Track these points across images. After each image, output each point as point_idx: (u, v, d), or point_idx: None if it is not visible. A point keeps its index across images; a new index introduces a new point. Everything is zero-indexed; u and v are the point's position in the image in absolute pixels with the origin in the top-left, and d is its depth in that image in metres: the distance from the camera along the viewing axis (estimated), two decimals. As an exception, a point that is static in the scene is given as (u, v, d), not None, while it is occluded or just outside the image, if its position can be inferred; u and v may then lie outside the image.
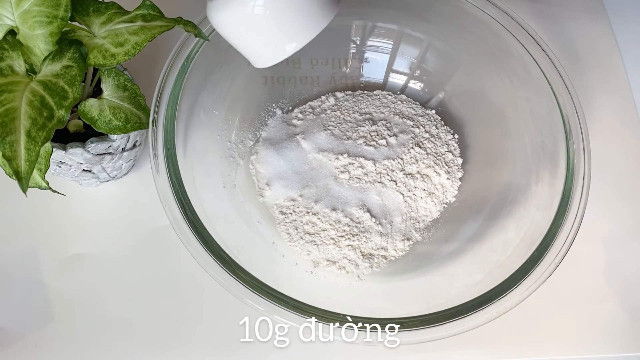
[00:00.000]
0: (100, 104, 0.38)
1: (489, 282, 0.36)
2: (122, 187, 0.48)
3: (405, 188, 0.47)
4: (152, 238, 0.46)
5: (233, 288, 0.35)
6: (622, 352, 0.45)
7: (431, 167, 0.47)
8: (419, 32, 0.49)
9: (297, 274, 0.43)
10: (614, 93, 0.55)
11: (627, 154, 0.52)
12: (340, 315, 0.35)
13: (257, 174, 0.47)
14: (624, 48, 0.58)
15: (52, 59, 0.34)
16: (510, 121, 0.46)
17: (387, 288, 0.42)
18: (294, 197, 0.46)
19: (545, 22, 0.58)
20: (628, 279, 0.47)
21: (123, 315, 0.44)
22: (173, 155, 0.38)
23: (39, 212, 0.46)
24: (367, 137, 0.49)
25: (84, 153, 0.40)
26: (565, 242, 0.37)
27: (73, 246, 0.46)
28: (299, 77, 0.50)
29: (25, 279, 0.44)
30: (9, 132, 0.31)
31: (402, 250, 0.45)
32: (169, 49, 0.40)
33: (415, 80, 0.51)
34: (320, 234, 0.44)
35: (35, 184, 0.36)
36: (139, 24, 0.36)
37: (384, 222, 0.45)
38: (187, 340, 0.43)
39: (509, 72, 0.45)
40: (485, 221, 0.43)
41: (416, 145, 0.48)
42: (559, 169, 0.40)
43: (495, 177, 0.46)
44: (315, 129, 0.49)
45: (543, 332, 0.45)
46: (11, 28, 0.34)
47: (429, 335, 0.34)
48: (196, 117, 0.42)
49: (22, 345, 0.42)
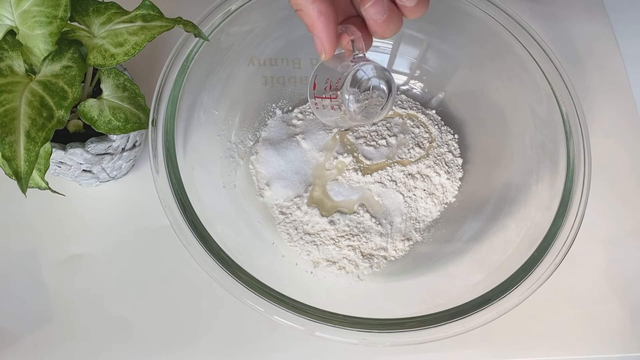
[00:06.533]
0: (100, 104, 0.38)
1: (489, 283, 0.36)
2: (122, 187, 0.48)
3: (405, 188, 0.47)
4: (151, 238, 0.46)
5: (233, 288, 0.35)
6: (622, 352, 0.45)
7: (431, 167, 0.47)
8: (418, 32, 0.49)
9: (297, 274, 0.43)
10: (614, 93, 0.55)
11: (627, 154, 0.52)
12: (340, 316, 0.35)
13: (257, 174, 0.47)
14: (624, 48, 0.58)
15: (52, 59, 0.34)
16: (510, 121, 0.46)
17: (387, 288, 0.42)
18: (294, 197, 0.46)
19: (545, 22, 0.58)
20: (628, 279, 0.47)
21: (123, 315, 0.44)
22: (173, 156, 0.38)
23: (39, 212, 0.46)
24: (367, 137, 0.49)
25: (83, 153, 0.40)
26: (565, 242, 0.37)
27: (73, 246, 0.46)
28: (299, 77, 0.50)
29: (25, 279, 0.44)
30: (9, 132, 0.31)
31: (402, 250, 0.45)
32: (168, 49, 0.40)
33: (415, 80, 0.51)
34: (320, 234, 0.44)
35: (35, 184, 0.36)
36: (138, 24, 0.36)
37: (384, 223, 0.45)
38: (187, 340, 0.43)
39: (509, 72, 0.45)
40: (485, 221, 0.43)
41: (416, 145, 0.48)
42: (559, 169, 0.40)
43: (495, 177, 0.46)
44: (315, 129, 0.49)
45: (543, 332, 0.45)
46: (11, 28, 0.34)
47: (429, 336, 0.34)
48: (196, 117, 0.42)
49: (22, 345, 0.42)
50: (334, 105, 0.35)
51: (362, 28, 0.33)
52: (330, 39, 0.32)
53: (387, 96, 0.35)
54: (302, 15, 0.32)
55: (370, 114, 0.35)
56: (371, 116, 0.35)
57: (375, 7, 0.31)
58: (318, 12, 0.31)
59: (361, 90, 0.34)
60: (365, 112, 0.35)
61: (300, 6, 0.31)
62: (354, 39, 0.33)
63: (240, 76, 0.46)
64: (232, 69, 0.45)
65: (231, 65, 0.45)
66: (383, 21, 0.32)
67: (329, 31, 0.32)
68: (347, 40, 0.33)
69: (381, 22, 0.32)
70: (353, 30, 0.33)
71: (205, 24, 0.40)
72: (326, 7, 0.31)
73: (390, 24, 0.32)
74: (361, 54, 0.34)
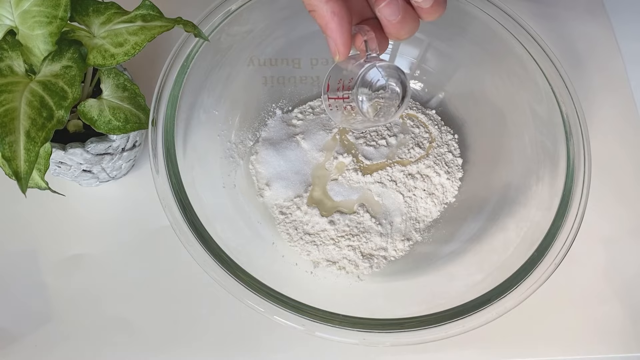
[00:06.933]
0: (100, 104, 0.38)
1: (489, 283, 0.36)
2: (122, 187, 0.48)
3: (405, 188, 0.47)
4: (151, 238, 0.46)
5: (232, 288, 0.35)
6: (622, 353, 0.45)
7: (431, 167, 0.47)
8: (419, 32, 0.48)
9: (297, 274, 0.43)
10: (614, 93, 0.55)
11: (627, 154, 0.52)
12: (340, 316, 0.35)
13: (256, 174, 0.47)
14: (624, 48, 0.58)
15: (52, 59, 0.34)
16: (510, 121, 0.46)
17: (387, 288, 0.42)
18: (294, 197, 0.46)
19: (545, 22, 0.58)
20: (628, 279, 0.47)
21: (123, 315, 0.44)
22: (173, 156, 0.38)
23: (39, 212, 0.46)
24: (367, 137, 0.49)
25: (83, 153, 0.40)
26: (565, 243, 0.37)
27: (73, 246, 0.46)
28: (299, 77, 0.50)
29: (25, 279, 0.44)
30: (9, 132, 0.31)
31: (402, 250, 0.45)
32: (168, 49, 0.40)
33: (415, 80, 0.51)
34: (320, 234, 0.44)
35: (35, 184, 0.36)
36: (138, 24, 0.36)
37: (383, 223, 0.45)
38: (187, 341, 0.43)
39: (509, 72, 0.45)
40: (485, 221, 0.43)
41: (416, 145, 0.48)
42: (559, 169, 0.40)
43: (495, 177, 0.46)
44: (315, 129, 0.49)
45: (543, 332, 0.45)
46: (11, 28, 0.34)
47: (429, 336, 0.34)
48: (196, 117, 0.42)
49: (22, 345, 0.42)
50: (347, 106, 0.35)
51: (378, 30, 0.33)
52: (344, 40, 0.31)
53: (402, 97, 0.34)
54: (315, 16, 0.31)
55: (384, 114, 0.35)
56: (385, 117, 0.35)
57: (390, 7, 0.31)
58: (331, 13, 0.30)
59: (373, 90, 0.33)
60: (379, 112, 0.34)
61: (313, 7, 0.31)
62: (367, 39, 0.33)
63: (240, 76, 0.46)
64: (232, 69, 0.45)
65: (231, 65, 0.45)
66: (398, 22, 0.31)
67: (343, 32, 0.31)
68: (360, 41, 0.33)
69: (396, 22, 0.31)
70: (366, 31, 0.33)
71: (205, 24, 0.40)
72: (340, 8, 0.30)
73: (405, 24, 0.31)
74: (374, 54, 0.33)
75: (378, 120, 0.35)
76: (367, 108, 0.34)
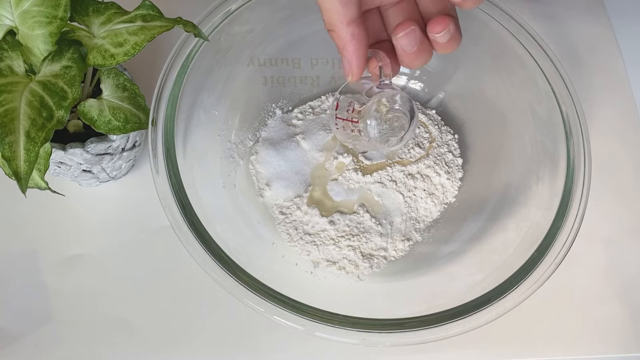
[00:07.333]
0: (100, 104, 0.38)
1: (489, 283, 0.36)
2: (122, 187, 0.48)
3: (405, 188, 0.47)
4: (151, 238, 0.46)
5: (232, 289, 0.35)
6: (622, 353, 0.45)
7: (431, 167, 0.47)
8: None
9: (297, 274, 0.43)
10: (614, 93, 0.55)
11: (627, 154, 0.52)
12: (340, 316, 0.35)
13: (256, 174, 0.47)
14: (624, 48, 0.58)
15: (52, 60, 0.34)
16: (510, 121, 0.46)
17: (387, 288, 0.42)
18: (294, 197, 0.46)
19: (545, 22, 0.58)
20: (628, 279, 0.47)
21: (123, 315, 0.44)
22: (173, 156, 0.38)
23: (39, 212, 0.46)
24: (367, 137, 0.49)
25: (83, 153, 0.40)
26: (565, 243, 0.37)
27: (73, 246, 0.45)
28: (299, 77, 0.50)
29: (25, 279, 0.44)
30: (8, 132, 0.31)
31: (402, 250, 0.45)
32: (168, 49, 0.40)
33: (415, 80, 0.51)
34: (320, 234, 0.44)
35: (35, 184, 0.36)
36: (138, 24, 0.36)
37: (383, 223, 0.45)
38: (187, 341, 0.43)
39: (509, 72, 0.45)
40: (485, 221, 0.43)
41: (416, 145, 0.48)
42: (559, 169, 0.40)
43: (495, 177, 0.46)
44: (315, 129, 0.49)
45: (543, 332, 0.45)
46: (10, 28, 0.34)
47: (429, 336, 0.34)
48: (196, 117, 0.42)
49: (22, 345, 0.42)
50: (354, 129, 0.36)
51: (390, 53, 0.33)
52: (359, 63, 0.32)
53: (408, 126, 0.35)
54: (334, 37, 0.31)
55: (389, 141, 0.35)
56: (389, 144, 0.35)
57: (408, 38, 0.31)
58: (351, 36, 0.30)
59: (383, 119, 0.34)
60: (384, 139, 0.35)
61: (334, 27, 0.31)
62: (382, 65, 0.33)
63: (240, 76, 0.46)
64: (232, 69, 0.45)
65: (231, 65, 0.45)
66: (413, 53, 0.31)
67: (359, 56, 0.31)
68: (375, 66, 0.33)
69: (411, 53, 0.31)
70: (382, 56, 0.33)
71: (205, 24, 0.40)
72: (360, 31, 0.30)
73: (420, 55, 0.32)
74: (387, 81, 0.34)
75: (383, 147, 0.36)
76: (375, 134, 0.34)
